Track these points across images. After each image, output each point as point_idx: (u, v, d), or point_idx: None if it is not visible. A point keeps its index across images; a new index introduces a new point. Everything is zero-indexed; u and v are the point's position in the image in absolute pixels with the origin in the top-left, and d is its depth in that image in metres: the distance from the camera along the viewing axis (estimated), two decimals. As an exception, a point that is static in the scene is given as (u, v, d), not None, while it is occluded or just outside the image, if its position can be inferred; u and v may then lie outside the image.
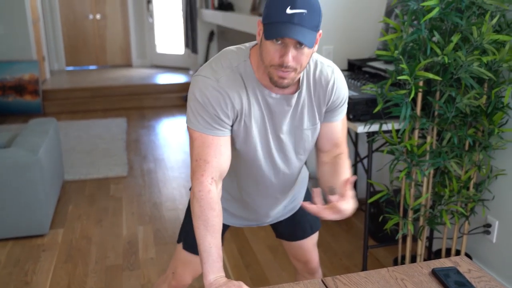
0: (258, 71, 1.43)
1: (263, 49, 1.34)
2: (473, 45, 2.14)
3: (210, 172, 1.42)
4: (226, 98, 1.41)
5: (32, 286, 2.77)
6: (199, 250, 1.43)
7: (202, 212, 1.42)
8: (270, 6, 1.30)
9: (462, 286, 1.40)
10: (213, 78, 1.41)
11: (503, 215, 2.50)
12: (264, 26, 1.32)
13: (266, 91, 1.45)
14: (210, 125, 1.41)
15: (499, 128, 2.28)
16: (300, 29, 1.27)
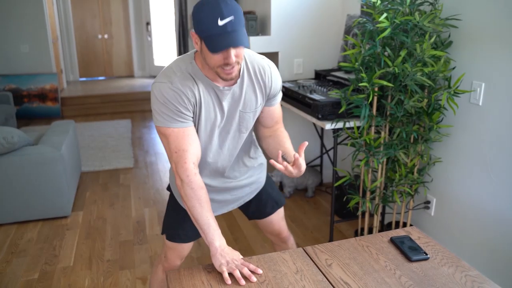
0: (204, 69, 1.40)
1: (207, 55, 1.31)
2: (417, 58, 2.17)
3: (190, 158, 1.41)
4: (181, 94, 1.38)
5: (60, 258, 2.71)
6: (199, 224, 1.41)
7: (195, 193, 1.40)
8: (201, 20, 1.26)
9: (414, 250, 1.42)
10: (167, 81, 1.38)
11: (439, 193, 2.55)
12: (201, 38, 1.28)
13: (213, 84, 1.42)
14: (175, 119, 1.39)
15: (437, 124, 2.32)
16: (235, 35, 1.24)
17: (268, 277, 1.29)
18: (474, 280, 1.28)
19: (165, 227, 1.73)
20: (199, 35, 1.29)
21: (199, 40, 1.31)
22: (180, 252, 1.72)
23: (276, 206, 1.82)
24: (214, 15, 1.23)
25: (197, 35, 1.31)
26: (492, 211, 2.19)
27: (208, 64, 1.34)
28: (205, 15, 1.24)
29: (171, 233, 1.70)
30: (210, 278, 1.29)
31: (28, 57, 6.23)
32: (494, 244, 2.19)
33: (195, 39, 1.33)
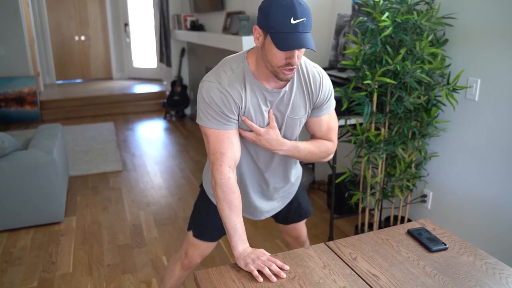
0: (257, 69, 1.38)
1: (269, 53, 1.29)
2: (416, 56, 2.24)
3: (227, 162, 1.41)
4: (228, 96, 1.37)
5: (58, 265, 2.66)
6: (225, 227, 1.42)
7: (225, 196, 1.41)
8: (272, 16, 1.23)
9: (433, 241, 1.47)
10: (216, 81, 1.37)
11: (436, 187, 2.62)
12: (270, 34, 1.25)
13: (262, 86, 1.40)
14: (219, 121, 1.38)
15: (434, 120, 2.39)
16: (305, 36, 1.24)
17: (298, 272, 1.32)
18: (495, 267, 1.33)
19: (193, 224, 1.72)
20: (266, 30, 1.26)
21: (264, 35, 1.28)
22: (204, 250, 1.73)
23: (304, 216, 1.84)
24: (288, 14, 1.21)
25: (262, 30, 1.28)
26: (488, 202, 2.28)
27: (268, 62, 1.31)
28: (277, 11, 1.22)
29: (199, 230, 1.70)
30: (240, 277, 1.30)
31: (4, 60, 6.05)
32: (491, 235, 2.28)
33: (258, 34, 1.30)
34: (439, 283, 1.25)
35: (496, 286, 1.24)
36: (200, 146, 5.08)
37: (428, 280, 1.26)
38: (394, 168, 2.48)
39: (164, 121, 6.29)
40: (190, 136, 5.53)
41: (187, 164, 4.48)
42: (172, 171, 4.27)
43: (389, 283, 1.26)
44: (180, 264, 1.81)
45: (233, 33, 3.77)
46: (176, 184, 3.93)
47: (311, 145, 1.55)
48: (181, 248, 1.83)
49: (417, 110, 2.37)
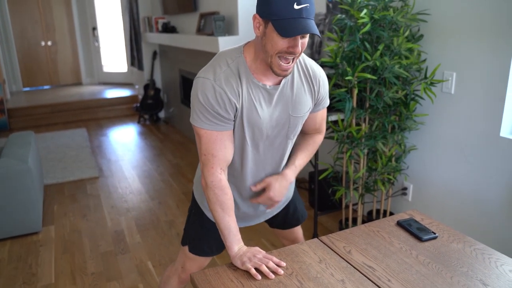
0: (254, 63, 1.32)
1: (270, 42, 1.22)
2: (393, 52, 2.28)
3: (218, 164, 1.37)
4: (223, 95, 1.29)
5: (39, 277, 2.58)
6: (219, 228, 1.41)
7: (217, 198, 1.38)
8: (275, 3, 1.17)
9: (422, 230, 1.51)
10: (210, 77, 1.30)
11: (416, 180, 2.69)
12: (272, 22, 1.18)
13: (259, 83, 1.33)
14: (212, 122, 1.32)
15: (413, 114, 2.45)
16: (309, 22, 1.18)
17: (295, 268, 1.32)
18: (483, 252, 1.38)
19: (188, 239, 1.65)
20: (267, 18, 1.19)
21: (264, 24, 1.22)
22: (202, 263, 1.68)
23: (302, 219, 1.82)
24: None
25: (262, 18, 1.22)
26: (467, 192, 2.35)
27: (268, 52, 1.24)
28: None
29: (195, 245, 1.63)
30: (238, 276, 1.30)
31: (-32, 68, 5.84)
32: (471, 223, 2.35)
33: (258, 23, 1.24)
34: (433, 270, 1.28)
35: (487, 270, 1.28)
36: (177, 149, 5.03)
37: (423, 269, 1.29)
38: (375, 162, 2.53)
39: (138, 126, 6.20)
40: (166, 139, 5.47)
41: (165, 167, 4.43)
42: (151, 175, 4.21)
43: (385, 273, 1.28)
44: (177, 278, 1.75)
45: (208, 34, 3.76)
46: (155, 188, 3.88)
47: (306, 155, 1.59)
48: (176, 262, 1.76)
49: (396, 105, 2.43)
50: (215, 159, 1.36)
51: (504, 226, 2.19)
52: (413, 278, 1.25)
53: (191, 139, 5.41)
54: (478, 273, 1.27)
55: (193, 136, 5.30)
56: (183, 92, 5.46)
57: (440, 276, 1.26)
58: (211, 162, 1.37)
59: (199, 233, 1.63)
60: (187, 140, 5.39)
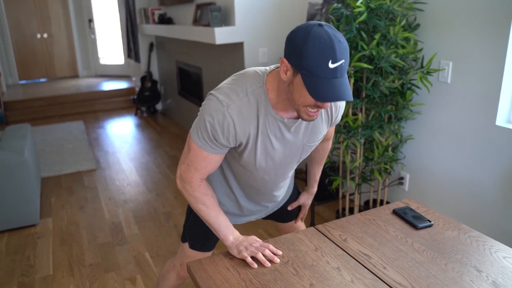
0: (275, 99, 1.23)
1: (297, 93, 1.13)
2: (390, 41, 2.28)
3: (198, 176, 1.35)
4: (230, 125, 1.22)
5: (37, 268, 2.59)
6: (208, 224, 1.40)
7: (197, 200, 1.37)
8: (306, 55, 1.05)
9: (418, 218, 1.52)
10: (224, 103, 1.21)
11: (412, 169, 2.70)
12: (302, 75, 1.08)
13: (278, 116, 1.25)
14: (208, 144, 1.27)
15: (409, 103, 2.45)
16: (343, 83, 1.07)
17: (291, 257, 1.33)
18: (478, 239, 1.38)
19: (189, 236, 1.64)
20: (297, 68, 1.09)
21: (293, 72, 1.11)
22: None
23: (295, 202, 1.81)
24: (326, 55, 1.04)
25: (291, 66, 1.10)
26: (463, 181, 2.36)
27: (294, 100, 1.15)
28: (313, 52, 1.04)
29: (196, 241, 1.62)
30: (234, 264, 1.31)
31: (-37, 61, 5.81)
32: (467, 213, 2.36)
33: (286, 68, 1.13)
34: (428, 258, 1.29)
35: (481, 257, 1.29)
36: (174, 141, 5.03)
37: (418, 256, 1.30)
38: (372, 152, 2.53)
39: (135, 118, 6.19)
40: (164, 131, 5.46)
41: (162, 159, 4.43)
42: (148, 167, 4.21)
43: (380, 261, 1.29)
44: (175, 274, 1.75)
45: (204, 25, 3.74)
46: (153, 180, 3.88)
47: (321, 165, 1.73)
48: (175, 258, 1.76)
49: (393, 94, 2.42)
50: (197, 172, 1.34)
51: (499, 214, 2.20)
52: (408, 265, 1.26)
53: (188, 130, 5.40)
54: (472, 259, 1.28)
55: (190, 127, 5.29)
56: (180, 83, 5.45)
57: (435, 263, 1.26)
58: (192, 172, 1.34)
59: (200, 230, 1.61)
60: (185, 132, 5.39)
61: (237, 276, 1.24)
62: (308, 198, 1.78)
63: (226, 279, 1.23)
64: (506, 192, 2.14)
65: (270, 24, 3.44)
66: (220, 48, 3.95)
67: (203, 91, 4.63)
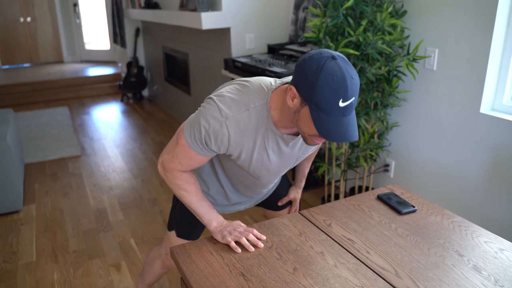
0: (277, 118, 1.21)
1: (304, 122, 1.11)
2: (377, 27, 2.27)
3: (180, 168, 1.33)
4: (225, 137, 1.20)
5: (20, 255, 2.56)
6: (191, 210, 1.39)
7: (179, 188, 1.36)
8: (319, 93, 1.03)
9: (402, 204, 1.52)
10: (224, 113, 1.18)
11: (398, 156, 2.71)
12: (311, 109, 1.06)
13: (278, 132, 1.24)
14: (199, 146, 1.24)
15: (396, 90, 2.45)
16: (351, 122, 1.07)
17: (274, 241, 1.32)
18: (460, 225, 1.40)
19: (175, 224, 1.61)
20: (306, 100, 1.07)
21: (301, 102, 1.09)
22: None
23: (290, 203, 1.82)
24: (338, 94, 1.02)
25: (300, 96, 1.08)
26: (447, 167, 2.38)
27: (299, 128, 1.14)
28: (325, 89, 1.02)
29: (183, 231, 1.60)
30: (218, 249, 1.30)
31: None
32: (452, 199, 2.39)
33: (293, 96, 1.10)
34: (411, 242, 1.30)
35: (463, 241, 1.30)
36: (161, 127, 4.98)
37: (401, 241, 1.31)
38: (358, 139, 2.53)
39: (121, 104, 6.11)
40: (150, 117, 5.41)
41: (148, 146, 4.39)
42: (134, 154, 4.17)
43: (364, 246, 1.29)
44: (160, 263, 1.74)
45: (191, 10, 3.68)
46: (139, 166, 3.85)
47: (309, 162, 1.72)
48: (161, 246, 1.74)
49: (379, 81, 2.42)
50: (180, 165, 1.32)
51: (482, 200, 2.22)
52: (392, 250, 1.26)
53: (174, 117, 5.36)
54: (454, 244, 1.29)
55: (177, 114, 5.25)
56: (167, 69, 5.38)
57: (418, 247, 1.27)
58: (175, 164, 1.32)
59: (188, 218, 1.59)
60: (171, 118, 5.34)
61: (221, 261, 1.23)
62: (298, 192, 1.77)
63: (209, 264, 1.22)
64: (489, 178, 2.17)
65: (257, 10, 3.40)
66: (206, 33, 3.90)
67: (189, 77, 4.58)
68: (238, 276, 1.16)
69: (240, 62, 3.08)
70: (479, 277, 1.14)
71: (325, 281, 1.13)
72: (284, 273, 1.17)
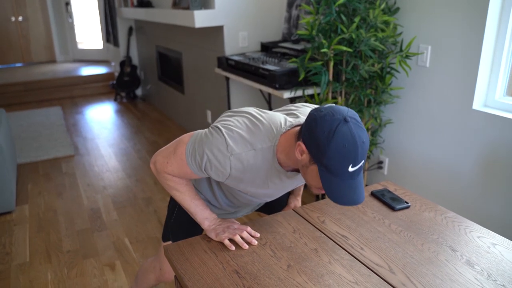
0: (281, 159, 1.21)
1: (312, 178, 1.12)
2: (369, 24, 2.27)
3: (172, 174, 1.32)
4: (226, 169, 1.20)
5: (13, 256, 2.54)
6: (184, 208, 1.38)
7: (171, 187, 1.35)
8: (329, 157, 1.04)
9: (395, 200, 1.52)
10: (230, 149, 1.18)
11: (391, 153, 2.71)
12: (320, 170, 1.07)
13: (281, 169, 1.24)
14: (196, 168, 1.24)
15: (389, 87, 2.45)
16: (359, 185, 1.10)
17: (268, 238, 1.32)
18: (454, 220, 1.40)
19: (173, 235, 1.58)
20: (315, 161, 1.08)
21: (310, 160, 1.10)
22: None
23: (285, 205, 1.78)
24: (348, 160, 1.04)
25: (310, 155, 1.09)
26: (440, 164, 2.39)
27: (306, 179, 1.15)
28: (336, 153, 1.03)
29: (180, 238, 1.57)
30: (212, 247, 1.29)
31: None
32: (445, 196, 2.40)
33: (302, 152, 1.11)
34: (404, 238, 1.30)
35: (456, 237, 1.30)
36: (154, 127, 4.97)
37: (395, 237, 1.31)
38: (351, 136, 2.53)
39: (114, 103, 6.08)
40: (144, 117, 5.38)
41: (142, 145, 4.37)
42: (128, 153, 4.15)
43: (358, 242, 1.29)
44: (155, 277, 1.71)
45: (184, 8, 3.67)
46: (133, 166, 3.83)
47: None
48: (155, 259, 1.71)
49: (372, 78, 2.42)
50: (172, 172, 1.31)
51: (475, 196, 2.23)
52: (385, 246, 1.26)
53: (168, 116, 5.34)
54: (448, 239, 1.29)
55: (171, 113, 5.23)
56: (160, 68, 5.36)
57: (412, 243, 1.27)
58: (168, 169, 1.31)
59: (185, 225, 1.57)
60: (165, 117, 5.32)
61: (215, 259, 1.23)
62: (298, 200, 1.72)
63: (203, 262, 1.22)
64: (482, 174, 2.18)
65: (250, 8, 3.39)
66: (200, 32, 3.89)
67: (183, 75, 4.57)
68: (232, 274, 1.16)
69: (234, 60, 3.07)
70: (472, 271, 1.14)
71: (319, 278, 1.13)
72: (278, 270, 1.17)
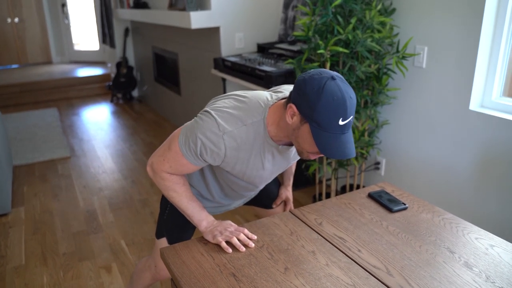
0: (272, 131, 1.23)
1: (304, 139, 1.15)
2: (366, 25, 2.26)
3: (169, 172, 1.33)
4: (221, 150, 1.21)
5: (9, 258, 2.51)
6: (181, 210, 1.38)
7: (168, 188, 1.35)
8: (319, 112, 1.07)
9: (393, 201, 1.51)
10: (221, 128, 1.20)
11: (388, 154, 2.71)
12: (311, 127, 1.10)
13: (273, 144, 1.26)
14: (192, 156, 1.25)
15: (385, 88, 2.45)
16: (349, 139, 1.12)
17: (266, 241, 1.31)
18: (451, 222, 1.39)
19: (167, 231, 1.58)
20: (306, 118, 1.10)
21: (301, 120, 1.12)
22: None
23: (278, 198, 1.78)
24: (338, 113, 1.07)
25: (300, 114, 1.12)
26: (437, 165, 2.38)
27: (298, 144, 1.17)
28: (326, 109, 1.07)
29: (175, 236, 1.57)
30: (209, 249, 1.28)
31: None
32: (442, 197, 2.39)
33: (293, 113, 1.14)
34: (402, 240, 1.29)
35: (454, 238, 1.30)
36: (151, 128, 4.94)
37: (392, 239, 1.30)
38: (348, 137, 2.52)
39: (111, 105, 6.05)
40: (140, 118, 5.36)
41: (138, 146, 4.35)
42: (124, 154, 4.13)
43: (355, 244, 1.28)
44: (150, 275, 1.69)
45: (180, 9, 3.65)
46: (129, 167, 3.81)
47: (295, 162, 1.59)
48: (150, 258, 1.70)
49: (369, 79, 2.42)
50: (169, 169, 1.32)
51: (472, 197, 2.23)
52: (383, 248, 1.25)
53: (165, 117, 5.32)
54: (445, 241, 1.28)
55: (167, 114, 5.21)
56: (156, 69, 5.34)
57: (409, 245, 1.26)
58: (165, 168, 1.32)
59: (179, 221, 1.56)
60: (161, 118, 5.30)
61: (211, 261, 1.22)
62: (289, 191, 1.75)
63: (200, 265, 1.21)
64: (479, 175, 2.17)
65: (246, 9, 3.38)
66: (196, 33, 3.88)
67: (179, 77, 4.55)
68: (229, 277, 1.15)
69: (230, 61, 3.06)
70: (470, 273, 1.13)
71: (316, 280, 1.12)
72: (276, 272, 1.16)
